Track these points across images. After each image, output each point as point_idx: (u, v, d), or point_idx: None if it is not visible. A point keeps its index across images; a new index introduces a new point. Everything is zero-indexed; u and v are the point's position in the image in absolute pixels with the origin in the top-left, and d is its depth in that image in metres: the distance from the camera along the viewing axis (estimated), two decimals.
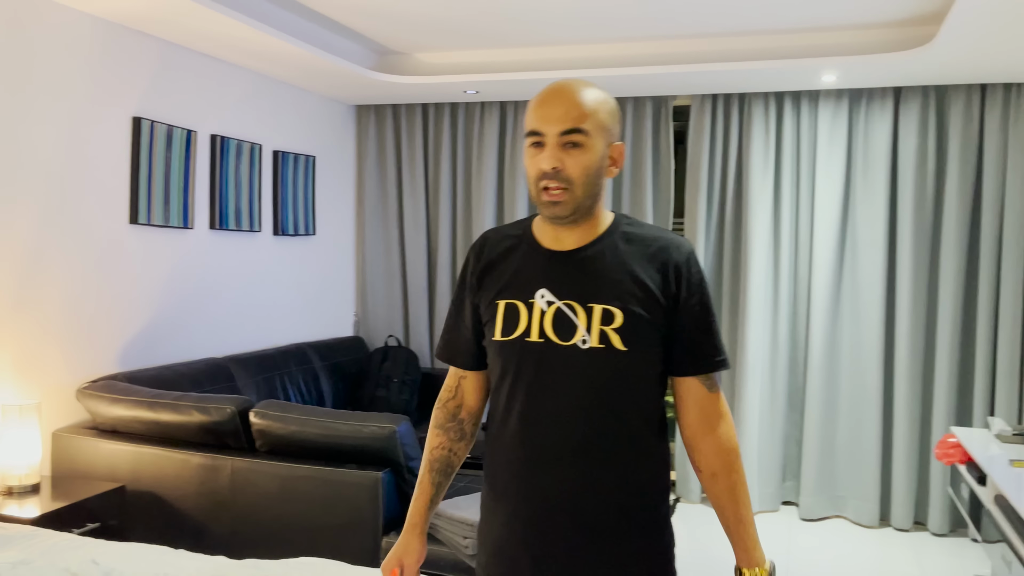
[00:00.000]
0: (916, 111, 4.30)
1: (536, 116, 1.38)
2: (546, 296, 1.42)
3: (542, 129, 1.37)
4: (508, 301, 1.44)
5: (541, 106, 1.38)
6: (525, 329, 1.42)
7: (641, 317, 1.39)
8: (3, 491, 2.82)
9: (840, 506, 4.51)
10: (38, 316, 3.11)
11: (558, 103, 1.36)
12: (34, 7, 3.04)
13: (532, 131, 1.38)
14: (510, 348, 1.43)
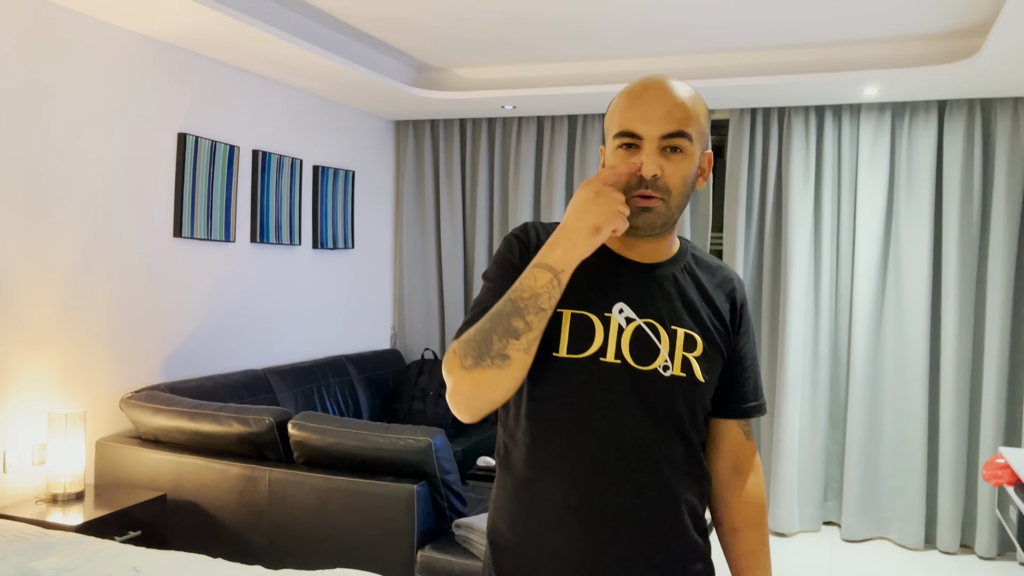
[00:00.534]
0: (961, 124, 4.22)
1: (633, 115, 1.19)
2: (625, 312, 1.24)
3: (640, 131, 1.18)
4: (577, 312, 1.22)
5: (639, 103, 1.19)
6: (600, 347, 1.21)
7: (717, 347, 1.29)
8: (48, 498, 2.88)
9: (884, 527, 4.41)
10: (85, 327, 3.19)
11: (660, 101, 1.18)
12: (86, 27, 3.14)
13: (627, 132, 1.19)
14: (578, 368, 1.21)
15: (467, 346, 1.16)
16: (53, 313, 3.05)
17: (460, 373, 1.16)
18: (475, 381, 1.15)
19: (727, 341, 1.31)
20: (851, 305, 4.46)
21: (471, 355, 1.15)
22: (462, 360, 1.16)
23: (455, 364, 1.17)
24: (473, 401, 1.17)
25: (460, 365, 1.16)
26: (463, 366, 1.16)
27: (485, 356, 1.14)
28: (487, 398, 1.17)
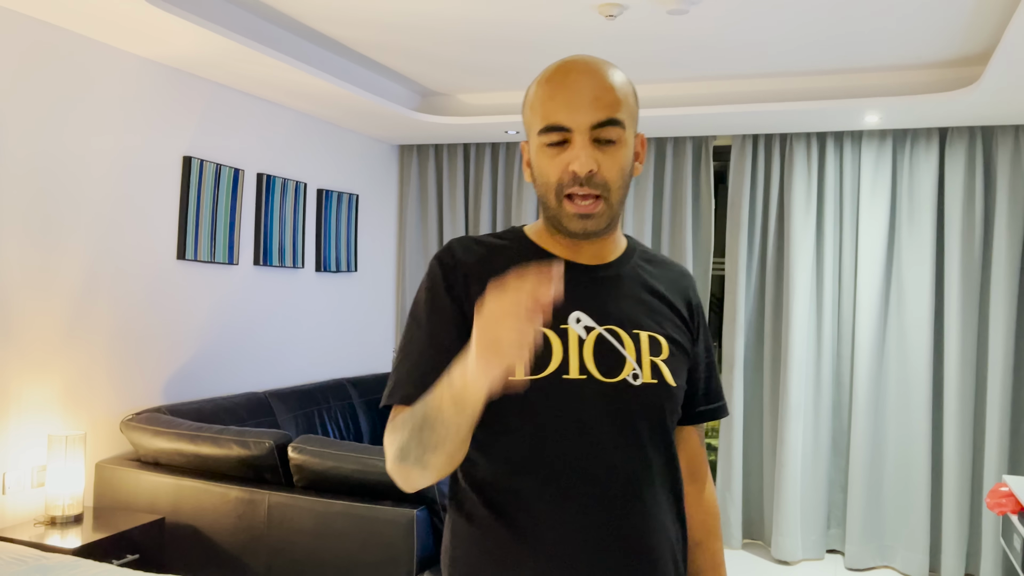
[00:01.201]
0: (962, 152, 4.23)
1: (557, 104, 1.06)
2: (583, 320, 1.12)
3: (568, 122, 1.05)
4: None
5: (562, 89, 1.06)
6: (561, 363, 1.09)
7: (682, 348, 1.19)
8: (47, 521, 2.87)
9: (888, 556, 4.37)
10: (87, 349, 3.19)
11: (586, 85, 1.05)
12: (93, 51, 3.17)
13: (553, 126, 1.06)
14: (539, 389, 1.08)
15: (391, 442, 1.06)
16: (55, 334, 3.06)
17: (391, 463, 1.07)
18: (406, 475, 1.06)
19: (689, 341, 1.22)
20: (853, 332, 4.46)
21: (394, 455, 1.05)
22: (388, 449, 1.07)
23: (389, 456, 1.07)
24: (410, 486, 1.08)
25: (390, 454, 1.07)
26: (391, 456, 1.06)
27: (407, 459, 1.03)
28: (424, 484, 1.07)
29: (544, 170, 1.10)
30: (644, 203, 4.81)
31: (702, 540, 1.27)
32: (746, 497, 4.68)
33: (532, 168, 1.13)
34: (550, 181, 1.09)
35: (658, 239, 4.85)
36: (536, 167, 1.11)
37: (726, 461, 4.60)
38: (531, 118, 1.11)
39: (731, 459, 4.57)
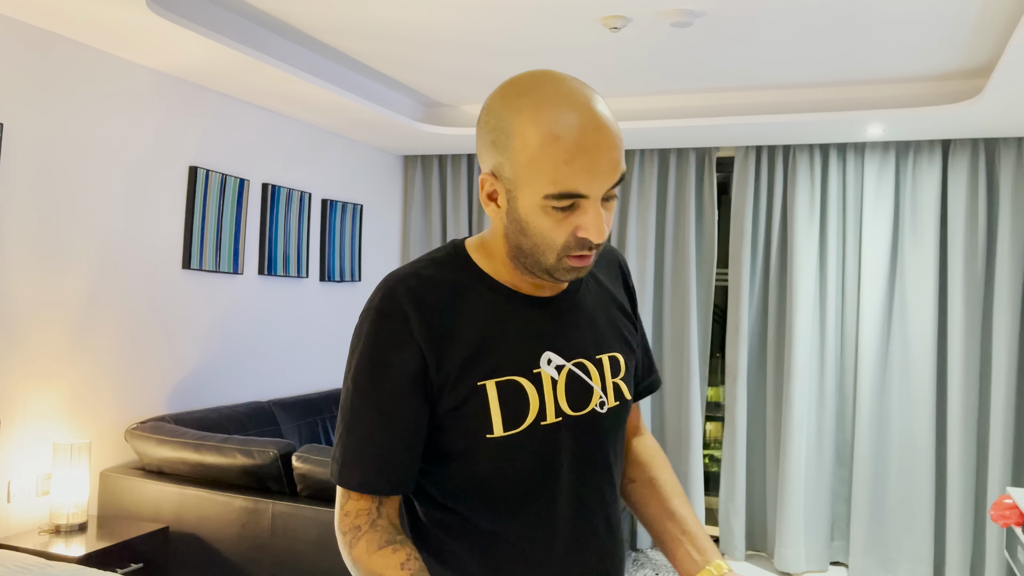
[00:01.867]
0: (966, 164, 4.25)
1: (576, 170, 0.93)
2: (553, 361, 1.07)
3: (586, 192, 0.95)
4: (503, 379, 1.03)
5: (583, 154, 0.93)
6: (539, 411, 1.05)
7: (632, 350, 1.19)
8: (51, 529, 2.88)
9: (892, 568, 4.35)
10: (93, 358, 3.20)
11: (604, 150, 0.94)
12: (99, 62, 3.20)
13: (569, 193, 0.95)
14: (518, 442, 1.04)
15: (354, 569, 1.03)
16: (61, 343, 3.07)
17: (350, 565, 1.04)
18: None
19: (634, 331, 1.22)
20: (857, 343, 4.46)
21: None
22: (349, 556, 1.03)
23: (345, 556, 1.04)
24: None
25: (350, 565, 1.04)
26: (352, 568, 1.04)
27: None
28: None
29: (546, 232, 0.98)
30: (647, 214, 4.82)
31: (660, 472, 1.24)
32: (749, 508, 4.67)
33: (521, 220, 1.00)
34: (555, 244, 0.99)
35: (661, 250, 4.86)
36: (534, 225, 0.98)
37: (729, 471, 4.59)
38: (529, 171, 0.95)
39: (734, 470, 4.57)
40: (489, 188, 1.02)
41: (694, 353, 4.68)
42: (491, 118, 0.99)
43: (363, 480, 1.02)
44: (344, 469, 1.03)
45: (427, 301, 1.03)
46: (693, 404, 4.66)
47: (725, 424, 4.65)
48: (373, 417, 1.02)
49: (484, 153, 1.01)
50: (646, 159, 4.87)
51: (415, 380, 1.01)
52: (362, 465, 1.02)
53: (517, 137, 0.95)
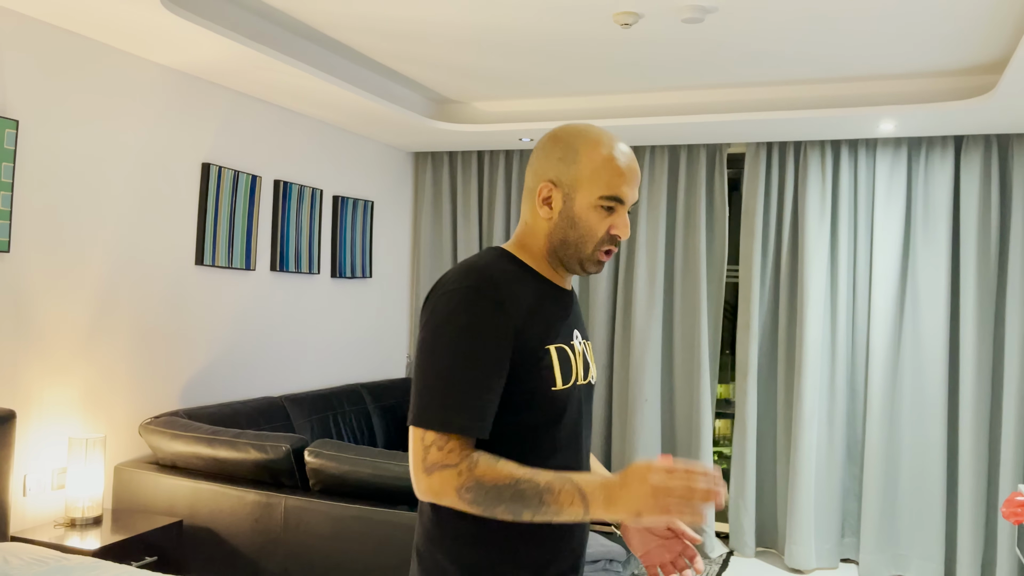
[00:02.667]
0: (978, 160, 4.23)
1: (623, 182, 1.33)
2: (578, 337, 1.42)
3: (627, 199, 1.35)
4: (558, 345, 1.34)
5: (629, 174, 1.34)
6: (576, 373, 1.37)
7: None
8: (67, 523, 2.91)
9: (903, 565, 4.35)
10: (107, 353, 3.23)
11: (636, 174, 1.36)
12: (114, 59, 3.22)
13: (616, 197, 1.33)
14: (568, 396, 1.34)
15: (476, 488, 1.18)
16: (76, 339, 3.10)
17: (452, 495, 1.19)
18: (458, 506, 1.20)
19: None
20: (868, 339, 4.45)
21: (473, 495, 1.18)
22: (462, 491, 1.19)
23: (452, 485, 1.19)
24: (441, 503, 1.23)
25: (458, 493, 1.19)
26: (460, 495, 1.19)
27: (483, 508, 1.19)
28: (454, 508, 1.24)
29: (593, 225, 1.34)
30: (658, 211, 4.82)
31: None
32: (759, 505, 4.67)
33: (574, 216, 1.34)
34: (596, 235, 1.34)
35: (671, 247, 4.85)
36: (584, 219, 1.33)
37: (739, 468, 4.59)
38: (593, 178, 1.32)
39: (744, 467, 4.57)
40: (546, 194, 1.36)
41: (704, 350, 4.67)
42: (558, 144, 1.35)
43: (464, 424, 1.21)
44: (446, 414, 1.21)
45: (509, 284, 1.30)
46: (703, 401, 4.66)
47: (735, 421, 4.65)
48: (476, 374, 1.23)
49: (547, 166, 1.35)
50: (657, 156, 4.87)
51: (505, 342, 1.25)
52: (463, 411, 1.21)
53: (584, 155, 1.33)
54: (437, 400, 1.22)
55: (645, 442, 4.73)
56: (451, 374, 1.22)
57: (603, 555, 3.06)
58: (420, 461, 1.21)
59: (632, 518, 1.14)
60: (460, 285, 1.26)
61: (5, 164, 2.78)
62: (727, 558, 4.56)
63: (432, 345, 1.24)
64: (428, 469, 1.20)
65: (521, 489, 1.18)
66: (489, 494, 1.18)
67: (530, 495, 1.17)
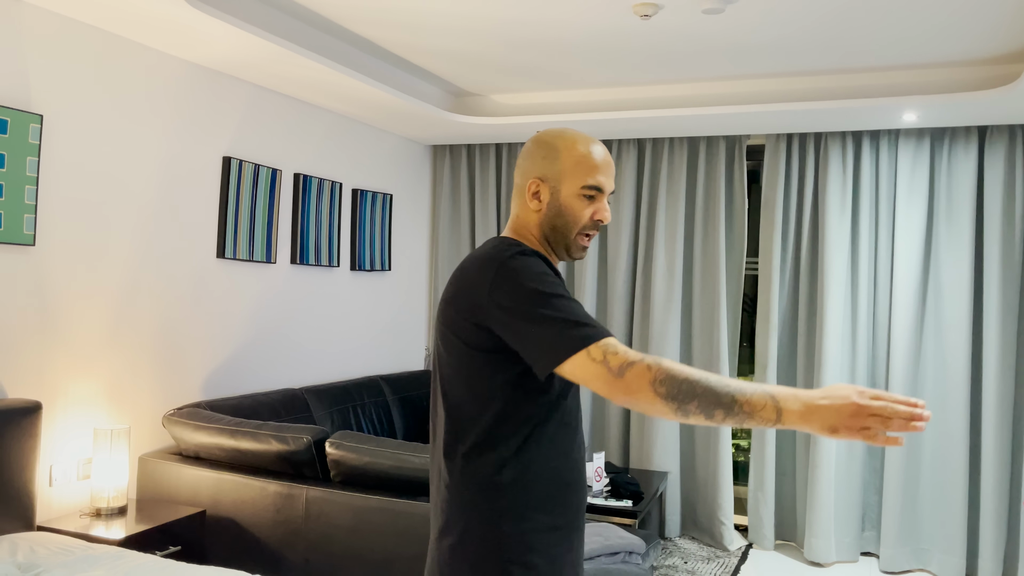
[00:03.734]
0: (1002, 150, 4.18)
1: (602, 174, 1.50)
2: None
3: (604, 188, 1.51)
4: None
5: (605, 164, 1.51)
6: None
7: None
8: (92, 512, 2.95)
9: (924, 559, 4.32)
10: (131, 345, 3.27)
11: (612, 166, 1.53)
12: (136, 54, 3.24)
13: (597, 187, 1.50)
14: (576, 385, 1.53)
15: (669, 380, 1.23)
16: (101, 332, 3.14)
17: (647, 390, 1.25)
18: (653, 402, 1.25)
19: None
20: (889, 332, 4.42)
21: (667, 388, 1.23)
22: (655, 384, 1.24)
23: (646, 379, 1.24)
24: (639, 404, 1.28)
25: (652, 386, 1.24)
26: (655, 389, 1.24)
27: (677, 403, 1.23)
28: (647, 410, 1.29)
29: (577, 212, 1.50)
30: (677, 203, 4.80)
31: None
32: (779, 498, 4.65)
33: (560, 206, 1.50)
34: (580, 221, 1.50)
35: (691, 239, 4.84)
36: (569, 208, 1.50)
37: (759, 461, 4.58)
38: (574, 171, 1.49)
39: (763, 459, 4.55)
40: (535, 189, 1.52)
41: (723, 343, 4.66)
42: (540, 145, 1.52)
43: (600, 332, 1.31)
44: (589, 329, 1.30)
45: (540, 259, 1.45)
46: None
47: None
48: (569, 300, 1.35)
49: (533, 165, 1.52)
50: (675, 148, 4.85)
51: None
52: (589, 324, 1.31)
53: (564, 152, 1.50)
54: (570, 327, 1.31)
55: (663, 435, 4.73)
56: (563, 305, 1.33)
57: (623, 547, 3.06)
58: (606, 371, 1.26)
59: (827, 432, 1.18)
60: (510, 252, 1.39)
61: (30, 158, 2.82)
62: (746, 551, 4.55)
63: (527, 299, 1.33)
64: (618, 372, 1.26)
65: (711, 384, 1.22)
66: (682, 387, 1.22)
67: (721, 391, 1.21)
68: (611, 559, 2.88)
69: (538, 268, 1.38)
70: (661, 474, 4.58)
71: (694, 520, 4.77)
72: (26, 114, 2.79)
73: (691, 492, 4.80)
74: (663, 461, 4.72)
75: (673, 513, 4.74)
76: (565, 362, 1.29)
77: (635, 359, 1.26)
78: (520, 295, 1.34)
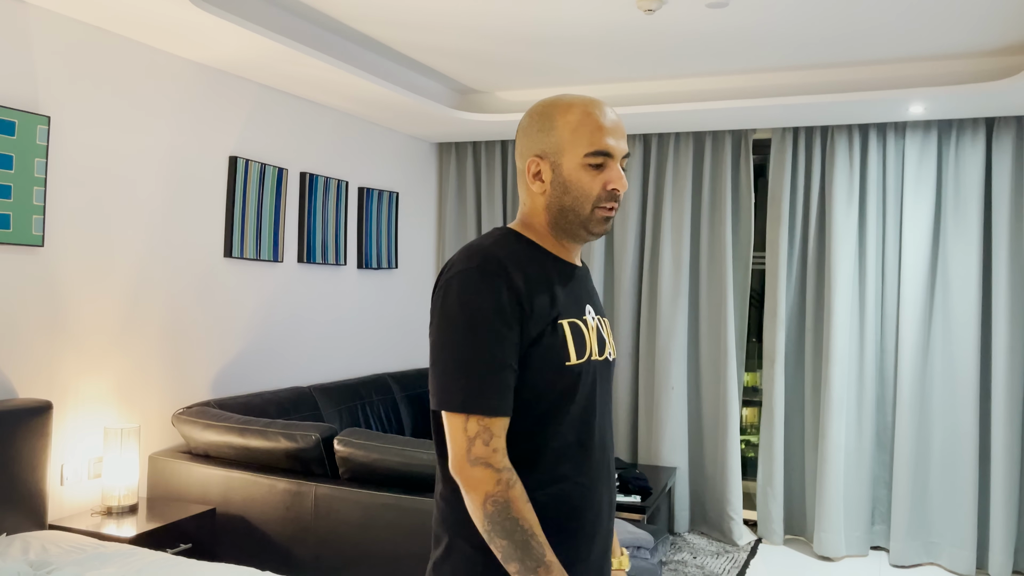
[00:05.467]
0: (1010, 142, 4.16)
1: (605, 135, 1.31)
2: (590, 312, 1.38)
3: (613, 151, 1.31)
4: (571, 320, 1.31)
5: (608, 125, 1.32)
6: (590, 348, 1.34)
7: None
8: (103, 511, 2.97)
9: (934, 553, 4.31)
10: (140, 344, 3.29)
11: (619, 124, 1.34)
12: (142, 55, 3.26)
13: (602, 151, 1.30)
14: (583, 371, 1.31)
15: (499, 511, 1.19)
16: (110, 331, 3.16)
17: (480, 498, 1.20)
18: (473, 510, 1.22)
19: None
20: (897, 326, 4.40)
21: (495, 512, 1.19)
22: (488, 501, 1.19)
23: (485, 489, 1.19)
24: (465, 495, 1.23)
25: (485, 499, 1.19)
26: (484, 504, 1.20)
27: (489, 530, 1.20)
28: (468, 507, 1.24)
29: (586, 185, 1.31)
30: (683, 198, 4.80)
31: None
32: (787, 492, 4.65)
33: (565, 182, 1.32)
34: (591, 194, 1.32)
35: (697, 234, 4.83)
36: (575, 181, 1.32)
37: (767, 456, 4.57)
38: (574, 138, 1.31)
39: (772, 454, 4.55)
40: (535, 168, 1.34)
41: (731, 338, 4.65)
42: (534, 118, 1.35)
43: (497, 406, 1.21)
44: (478, 398, 1.20)
45: (514, 261, 1.28)
46: (730, 389, 4.64)
47: (763, 408, 4.63)
48: (493, 353, 1.21)
49: (530, 142, 1.34)
50: (681, 142, 4.84)
51: (515, 320, 1.24)
52: (492, 394, 1.21)
53: (560, 119, 1.32)
54: (463, 383, 1.21)
55: (671, 431, 4.72)
56: (473, 355, 1.21)
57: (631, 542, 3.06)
58: (465, 453, 1.21)
59: None
60: (466, 267, 1.25)
61: (38, 160, 2.83)
62: (755, 546, 4.55)
63: (447, 329, 1.23)
64: (473, 461, 1.20)
65: (531, 545, 1.18)
66: (506, 523, 1.18)
67: (534, 556, 1.18)
68: None
69: (481, 299, 1.22)
70: (670, 469, 4.58)
71: (703, 515, 4.77)
72: (33, 116, 2.81)
73: (700, 487, 4.80)
74: (672, 456, 4.72)
75: (682, 508, 4.74)
76: (443, 413, 1.23)
77: (496, 464, 1.19)
78: (444, 318, 1.24)
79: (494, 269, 1.25)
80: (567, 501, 1.29)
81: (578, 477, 1.30)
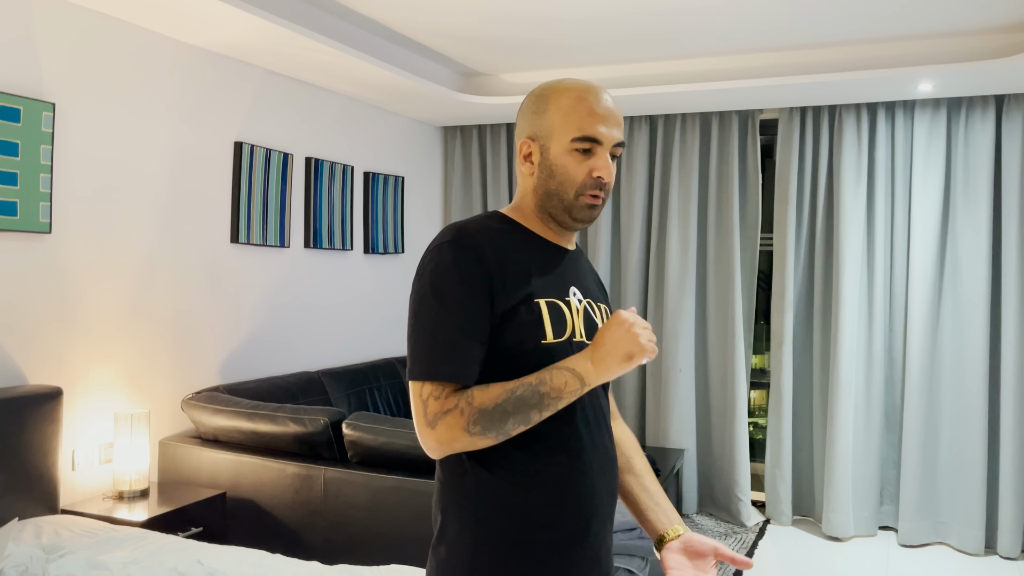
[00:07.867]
0: (1020, 119, 4.12)
1: (594, 121, 1.29)
2: (576, 295, 1.36)
3: (603, 138, 1.30)
4: (550, 300, 1.30)
5: (600, 112, 1.30)
6: (572, 329, 1.31)
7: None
8: (115, 495, 2.99)
9: (943, 532, 4.31)
10: (149, 330, 3.30)
11: (613, 112, 1.31)
12: (147, 40, 3.25)
13: (590, 137, 1.29)
14: (560, 351, 1.28)
15: (481, 417, 1.19)
16: (119, 317, 3.17)
17: (462, 436, 1.20)
18: (472, 444, 1.21)
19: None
20: (906, 306, 4.38)
21: (481, 425, 1.20)
22: (469, 426, 1.19)
23: (458, 426, 1.19)
24: (454, 451, 1.23)
25: (466, 430, 1.20)
26: (469, 432, 1.20)
27: (495, 431, 1.20)
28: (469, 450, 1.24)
29: (570, 170, 1.31)
30: (690, 179, 4.77)
31: (635, 454, 1.50)
32: (796, 473, 4.65)
33: (551, 165, 1.32)
34: (575, 180, 1.31)
35: (704, 215, 4.81)
36: (560, 166, 1.31)
37: (775, 437, 4.57)
38: (562, 124, 1.30)
39: (780, 435, 4.55)
40: (526, 150, 1.35)
41: (738, 320, 4.64)
42: (532, 100, 1.35)
43: (453, 372, 1.22)
44: (434, 364, 1.22)
45: (490, 238, 1.29)
46: (738, 371, 4.64)
47: (771, 390, 4.62)
48: (456, 322, 1.23)
49: (525, 124, 1.35)
50: (687, 124, 4.81)
51: (487, 293, 1.24)
52: (450, 360, 1.22)
53: (553, 102, 1.32)
54: (425, 352, 1.23)
55: (680, 413, 4.73)
56: (436, 325, 1.23)
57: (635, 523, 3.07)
58: (422, 416, 1.22)
59: (625, 362, 1.21)
60: (440, 241, 1.28)
61: (44, 147, 2.84)
62: (764, 526, 4.56)
63: (417, 300, 1.26)
64: (431, 422, 1.20)
65: (519, 395, 1.20)
66: (493, 416, 1.19)
67: (529, 396, 1.20)
68: (627, 535, 2.89)
69: (449, 270, 1.24)
70: (678, 451, 4.59)
71: (711, 496, 4.78)
72: (38, 102, 2.81)
73: (708, 469, 4.80)
74: (680, 438, 4.73)
75: (690, 490, 4.75)
76: (409, 384, 1.25)
77: (450, 407, 1.19)
78: (417, 292, 1.27)
79: (465, 243, 1.26)
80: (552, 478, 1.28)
81: (560, 454, 1.28)
